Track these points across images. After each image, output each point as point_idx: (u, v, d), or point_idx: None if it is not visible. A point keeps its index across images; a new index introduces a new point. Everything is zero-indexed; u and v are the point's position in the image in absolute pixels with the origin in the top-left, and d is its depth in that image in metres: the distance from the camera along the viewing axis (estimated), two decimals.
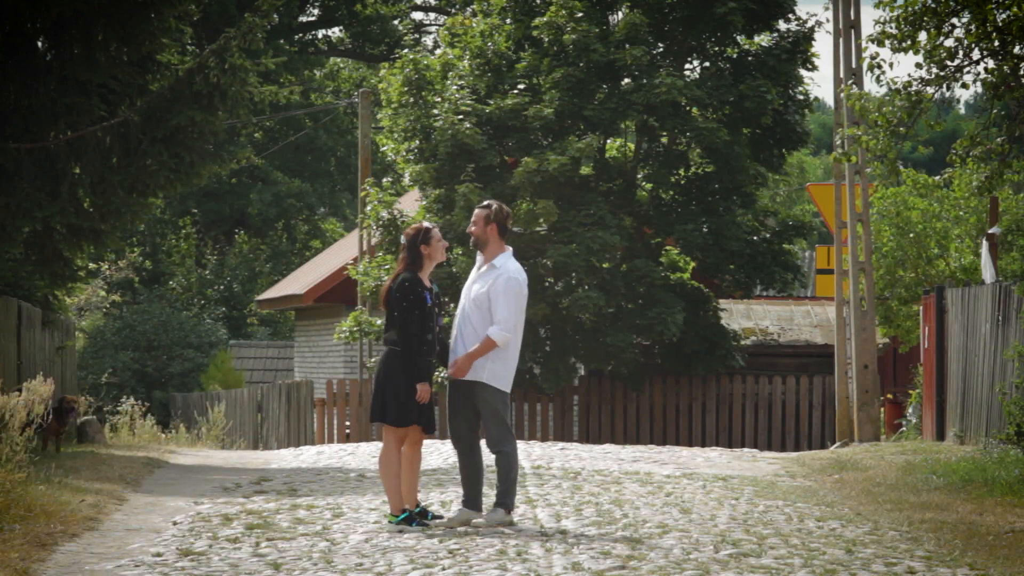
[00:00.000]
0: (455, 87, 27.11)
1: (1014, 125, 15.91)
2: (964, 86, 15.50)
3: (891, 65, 15.88)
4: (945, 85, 15.53)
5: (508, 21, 27.82)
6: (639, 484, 15.18)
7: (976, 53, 15.37)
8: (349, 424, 28.07)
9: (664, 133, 27.66)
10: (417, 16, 59.61)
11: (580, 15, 26.67)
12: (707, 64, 28.50)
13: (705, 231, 27.24)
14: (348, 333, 28.22)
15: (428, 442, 17.57)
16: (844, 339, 24.05)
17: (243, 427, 31.36)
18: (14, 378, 19.01)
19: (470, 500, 11.89)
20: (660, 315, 26.18)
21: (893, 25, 15.42)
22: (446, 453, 18.46)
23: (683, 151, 27.89)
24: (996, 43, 15.18)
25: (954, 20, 15.36)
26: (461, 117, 26.42)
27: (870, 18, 18.54)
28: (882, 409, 25.24)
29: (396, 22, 57.61)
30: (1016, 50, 15.23)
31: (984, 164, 15.74)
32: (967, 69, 15.44)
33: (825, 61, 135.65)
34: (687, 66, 28.58)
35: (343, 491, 14.60)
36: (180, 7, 17.72)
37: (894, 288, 27.31)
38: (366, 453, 19.34)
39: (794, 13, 28.06)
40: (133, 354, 40.53)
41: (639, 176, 28.21)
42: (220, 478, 16.37)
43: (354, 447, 20.80)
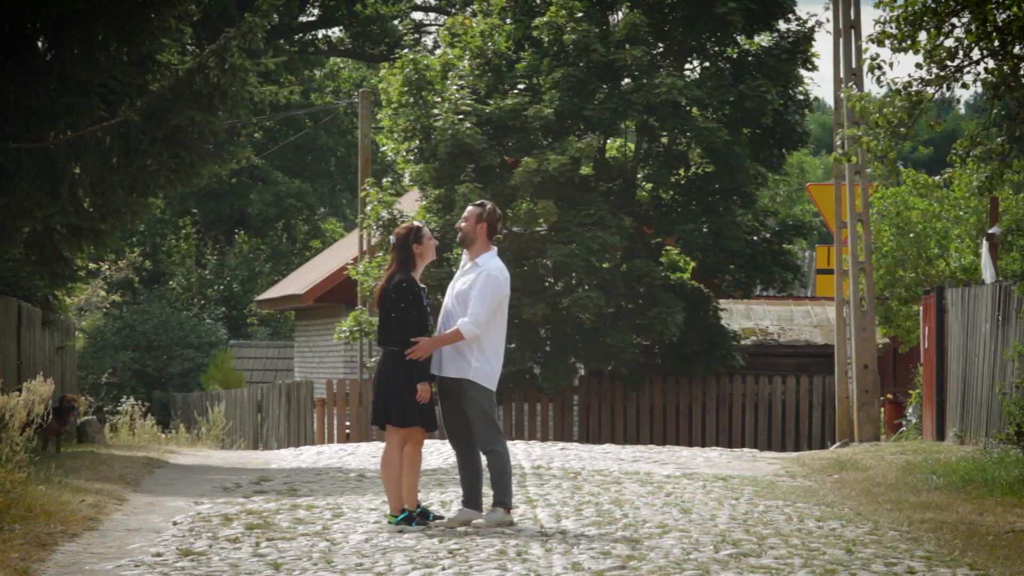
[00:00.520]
0: (455, 87, 27.10)
1: (1014, 125, 15.90)
2: (964, 86, 15.50)
3: (891, 65, 15.89)
4: (945, 85, 15.53)
5: (508, 21, 27.83)
6: (639, 484, 15.17)
7: (976, 53, 15.37)
8: (349, 424, 28.06)
9: (664, 133, 27.65)
10: (417, 16, 59.71)
11: (580, 15, 26.66)
12: (707, 64, 28.49)
13: (705, 231, 27.23)
14: (348, 333, 28.24)
15: (428, 442, 17.55)
16: (844, 339, 24.04)
17: (243, 427, 31.34)
18: (14, 378, 19.00)
19: (470, 500, 11.89)
20: (660, 315, 26.18)
21: (893, 25, 15.42)
22: (446, 453, 18.45)
23: (683, 151, 27.88)
24: (996, 43, 15.18)
25: (954, 20, 15.36)
26: (461, 117, 26.42)
27: (870, 18, 18.53)
28: (882, 409, 25.22)
29: (396, 22, 57.60)
30: (1016, 50, 15.23)
31: (984, 164, 15.73)
32: (967, 69, 15.44)
33: (825, 61, 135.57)
34: (687, 66, 28.58)
35: (343, 491, 14.59)
36: (180, 7, 17.71)
37: (894, 288, 27.28)
38: (366, 453, 19.34)
39: (794, 13, 28.06)
40: (133, 354, 40.52)
41: (639, 176, 28.21)
42: (220, 478, 16.36)
43: (354, 447, 20.79)
